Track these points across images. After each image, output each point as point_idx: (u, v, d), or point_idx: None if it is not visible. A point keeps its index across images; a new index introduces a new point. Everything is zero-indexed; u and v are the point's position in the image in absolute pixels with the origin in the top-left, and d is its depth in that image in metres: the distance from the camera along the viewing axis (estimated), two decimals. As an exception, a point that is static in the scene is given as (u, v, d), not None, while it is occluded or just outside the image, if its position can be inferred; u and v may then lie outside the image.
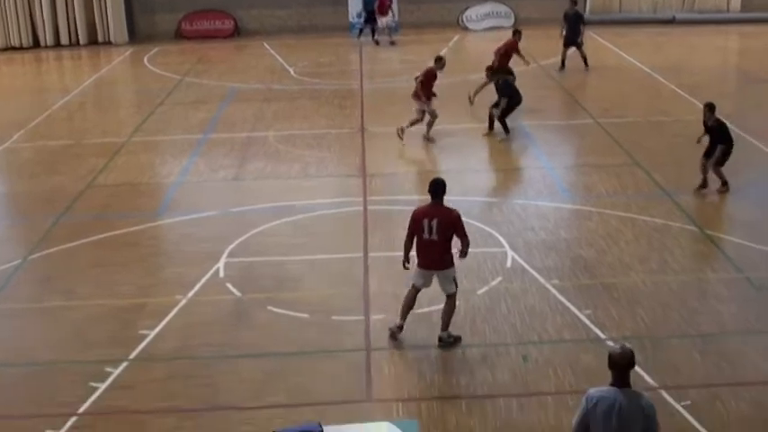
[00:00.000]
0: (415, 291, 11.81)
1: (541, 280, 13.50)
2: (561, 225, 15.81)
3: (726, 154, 16.70)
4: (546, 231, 15.38)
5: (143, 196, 18.09)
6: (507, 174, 18.39)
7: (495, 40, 25.95)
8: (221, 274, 13.96)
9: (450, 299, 11.74)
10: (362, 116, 23.14)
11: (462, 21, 36.85)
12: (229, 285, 13.56)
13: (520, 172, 18.85)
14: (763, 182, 18.01)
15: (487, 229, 15.36)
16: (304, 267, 14.26)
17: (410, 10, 36.56)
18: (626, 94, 25.18)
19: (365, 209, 16.52)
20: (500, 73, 22.01)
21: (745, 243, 14.61)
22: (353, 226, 15.80)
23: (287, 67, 29.93)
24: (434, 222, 11.37)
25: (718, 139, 16.80)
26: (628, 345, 7.62)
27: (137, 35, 36.53)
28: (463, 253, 11.63)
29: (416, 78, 20.44)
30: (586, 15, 36.84)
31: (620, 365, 7.43)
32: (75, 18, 35.36)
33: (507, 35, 25.13)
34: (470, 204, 16.36)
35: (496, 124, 20.89)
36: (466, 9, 36.89)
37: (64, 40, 35.42)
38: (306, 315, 12.58)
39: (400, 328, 11.84)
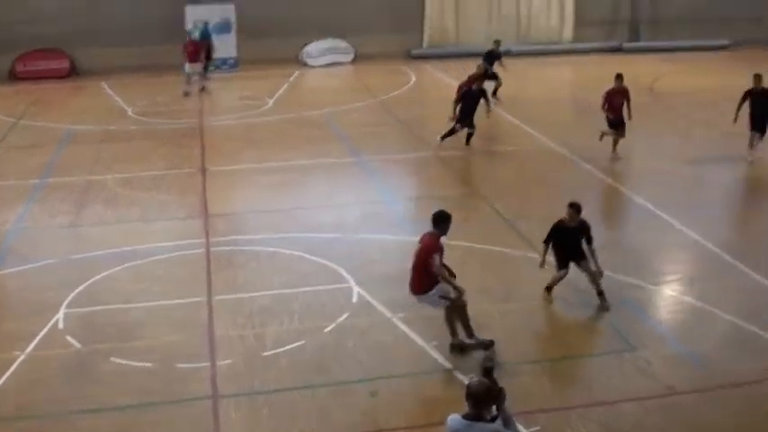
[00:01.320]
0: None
1: (387, 314, 13.57)
2: (405, 258, 15.82)
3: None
4: (390, 265, 15.45)
5: (-23, 246, 17.45)
6: (348, 208, 18.45)
7: (335, 76, 26.13)
8: (61, 325, 13.51)
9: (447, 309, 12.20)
10: (203, 155, 22.91)
11: (302, 56, 36.97)
12: (69, 338, 13.11)
13: (361, 206, 18.93)
14: (599, 206, 18.60)
15: (331, 264, 15.37)
16: (147, 314, 13.95)
17: (250, 45, 36.44)
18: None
19: (208, 250, 16.31)
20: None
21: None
22: (196, 269, 15.55)
23: (125, 106, 29.41)
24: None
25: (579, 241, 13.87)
26: (486, 379, 7.74)
27: (-33, 77, 35.36)
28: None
29: None
30: (423, 49, 37.67)
31: (475, 397, 7.54)
32: None
33: (346, 71, 25.32)
34: (312, 241, 16.38)
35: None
36: (305, 45, 37.04)
37: None
38: (150, 364, 12.29)
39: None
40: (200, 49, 31.02)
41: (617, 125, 21.63)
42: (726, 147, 22.47)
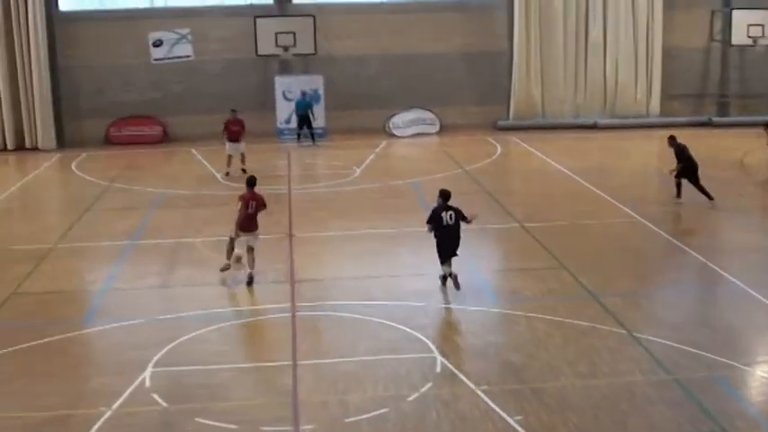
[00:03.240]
0: None
1: (471, 385, 13.49)
2: (489, 329, 15.89)
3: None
4: (474, 336, 15.43)
5: (69, 303, 17.83)
6: (433, 277, 18.49)
7: (421, 146, 26.33)
8: (148, 383, 13.73)
9: None
10: (290, 221, 23.20)
11: (389, 127, 37.38)
12: (155, 396, 13.32)
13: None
14: (687, 282, 18.37)
15: (415, 333, 15.37)
16: (232, 376, 14.10)
17: (337, 116, 36.99)
18: (550, 197, 25.65)
19: (293, 315, 16.45)
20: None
21: (672, 345, 14.77)
22: (282, 333, 15.70)
23: (215, 172, 29.98)
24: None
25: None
26: None
27: (65, 141, 36.41)
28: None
29: None
30: (510, 121, 37.84)
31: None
32: (2, 123, 35.33)
33: (432, 141, 25.51)
34: (397, 309, 16.44)
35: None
36: (392, 116, 37.46)
37: (-9, 145, 35.31)
38: (234, 426, 12.37)
39: None
40: (241, 129, 29.72)
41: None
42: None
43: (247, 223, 18.36)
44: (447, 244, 17.39)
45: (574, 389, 13.38)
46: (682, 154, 23.98)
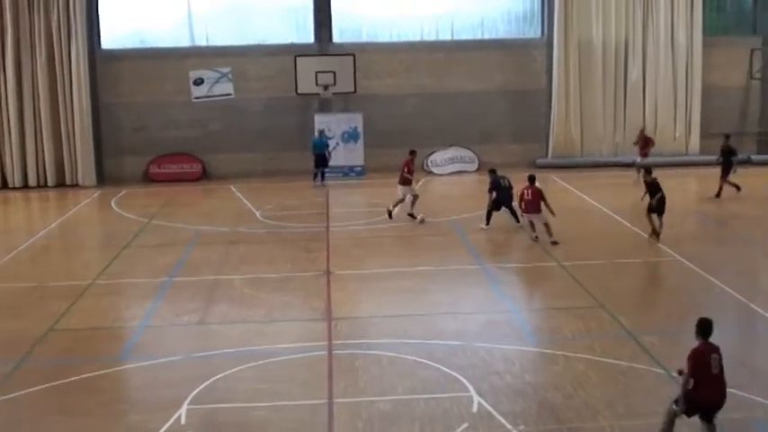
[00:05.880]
0: None
1: (508, 426, 13.36)
2: (527, 369, 15.76)
3: None
4: (512, 375, 15.30)
5: (106, 340, 17.91)
6: (471, 316, 18.40)
7: (460, 184, 26.32)
8: (183, 421, 13.71)
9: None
10: (328, 259, 23.22)
11: (428, 165, 37.45)
12: (191, 433, 13.34)
13: (484, 315, 18.83)
14: (726, 321, 18.15)
15: (453, 373, 15.26)
16: (268, 414, 14.04)
17: (375, 154, 37.12)
18: (590, 236, 25.52)
19: (330, 354, 16.41)
20: None
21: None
22: (318, 371, 15.64)
23: (253, 210, 30.13)
24: None
25: None
26: None
27: (105, 177, 36.83)
28: None
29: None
30: (548, 159, 37.79)
31: None
32: (43, 160, 35.81)
33: (471, 179, 25.54)
34: (434, 347, 16.35)
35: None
36: (431, 153, 37.54)
37: (32, 181, 35.76)
38: (269, 464, 12.36)
39: None
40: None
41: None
42: None
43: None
44: None
45: (611, 429, 13.21)
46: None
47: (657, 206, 24.13)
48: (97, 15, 37.11)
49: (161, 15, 37.72)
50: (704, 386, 11.87)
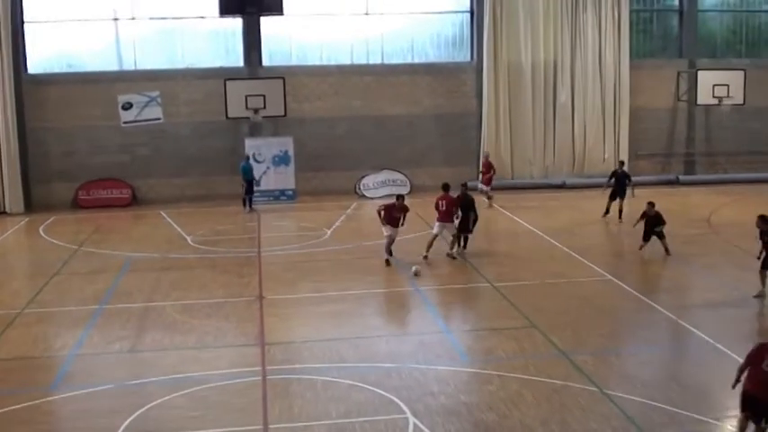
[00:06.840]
0: None
1: (444, 446, 13.41)
2: (461, 389, 15.80)
3: None
4: (446, 396, 15.32)
5: (36, 370, 17.55)
6: (405, 338, 18.41)
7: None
8: (116, 450, 13.55)
9: None
10: (260, 284, 23.10)
11: (360, 188, 37.51)
12: (124, 463, 13.15)
13: (417, 336, 18.86)
14: (657, 339, 18.41)
15: (387, 395, 15.25)
16: (202, 441, 13.92)
17: (307, 178, 37.13)
18: (521, 257, 25.76)
19: (264, 379, 16.30)
20: None
21: (644, 401, 14.74)
22: (252, 397, 15.52)
23: (184, 235, 29.90)
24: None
25: None
26: None
27: (33, 204, 36.29)
28: None
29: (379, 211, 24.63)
30: (478, 181, 38.05)
31: None
32: (-30, 187, 35.15)
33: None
34: (368, 370, 16.32)
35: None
36: (363, 177, 37.62)
37: (-43, 208, 35.13)
38: (204, 492, 12.23)
39: None
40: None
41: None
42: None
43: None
44: None
45: (547, 449, 13.31)
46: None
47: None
48: (23, 39, 36.64)
49: (88, 39, 37.34)
50: (749, 380, 12.50)
